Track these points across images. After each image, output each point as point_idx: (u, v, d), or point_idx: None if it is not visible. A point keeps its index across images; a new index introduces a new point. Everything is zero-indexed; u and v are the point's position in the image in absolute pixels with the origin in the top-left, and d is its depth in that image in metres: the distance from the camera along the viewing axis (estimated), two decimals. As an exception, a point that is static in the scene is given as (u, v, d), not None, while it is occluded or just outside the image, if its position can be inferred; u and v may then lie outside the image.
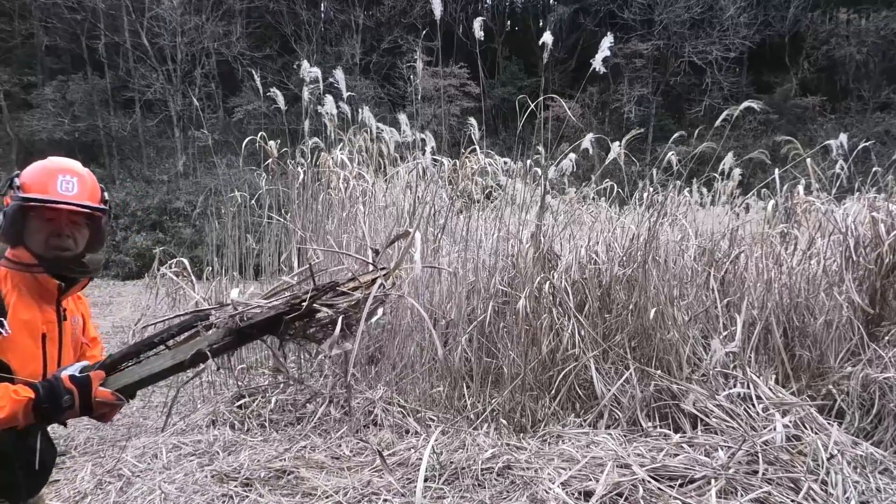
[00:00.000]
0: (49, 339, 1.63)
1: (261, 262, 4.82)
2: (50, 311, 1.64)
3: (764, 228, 4.28)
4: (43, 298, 1.62)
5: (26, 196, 1.54)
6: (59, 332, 1.67)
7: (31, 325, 1.59)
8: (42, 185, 1.56)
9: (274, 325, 1.44)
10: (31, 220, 1.56)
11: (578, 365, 3.43)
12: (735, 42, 22.27)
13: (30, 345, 1.58)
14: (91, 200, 1.63)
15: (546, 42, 3.52)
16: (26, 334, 1.57)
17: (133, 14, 21.43)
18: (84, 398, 1.48)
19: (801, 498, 2.37)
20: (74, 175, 1.62)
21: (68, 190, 1.58)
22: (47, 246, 1.57)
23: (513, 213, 4.36)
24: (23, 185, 1.57)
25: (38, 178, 1.58)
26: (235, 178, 6.63)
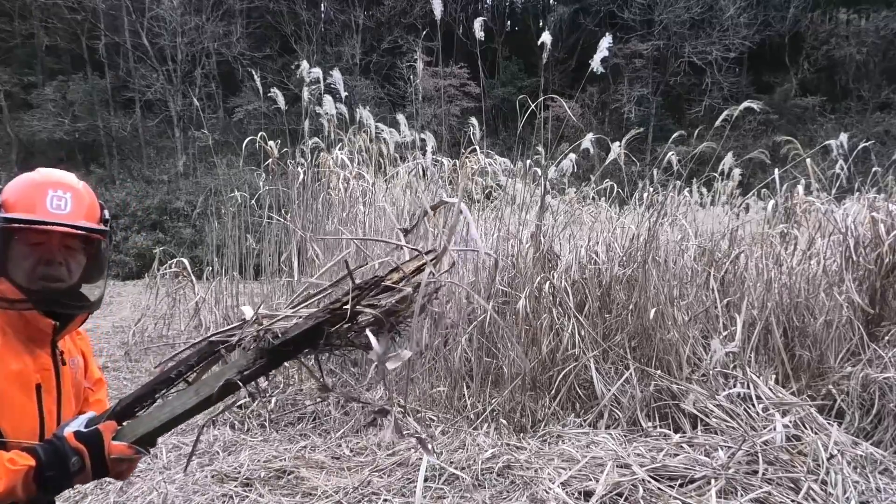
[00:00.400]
0: (45, 390, 1.37)
1: (261, 262, 4.83)
2: (44, 357, 1.38)
3: (764, 228, 4.28)
4: (35, 341, 1.36)
5: (8, 216, 1.27)
6: (57, 381, 1.40)
7: (23, 376, 1.32)
8: (28, 203, 1.29)
9: (313, 337, 1.23)
10: (14, 246, 1.30)
11: (578, 365, 3.43)
12: (735, 42, 22.27)
13: (21, 400, 1.32)
14: (88, 220, 1.35)
15: (545, 42, 3.53)
16: (16, 388, 1.30)
17: (133, 14, 21.44)
18: (96, 458, 1.23)
19: (801, 498, 2.37)
20: (68, 189, 1.35)
21: (60, 208, 1.31)
22: (34, 276, 1.30)
23: (513, 213, 4.36)
24: (4, 202, 1.30)
25: (24, 194, 1.31)
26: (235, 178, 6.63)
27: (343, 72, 4.29)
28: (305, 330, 1.21)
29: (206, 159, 18.58)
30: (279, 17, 23.61)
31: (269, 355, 1.24)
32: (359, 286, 1.25)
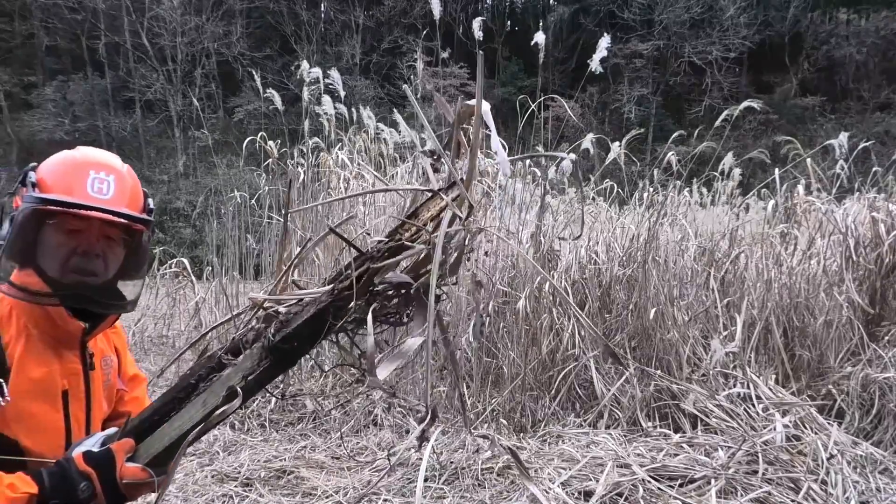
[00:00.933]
0: (73, 396, 1.21)
1: (261, 262, 4.83)
2: (72, 359, 1.22)
3: (764, 228, 4.28)
4: (62, 343, 1.20)
5: (44, 197, 1.11)
6: (87, 386, 1.25)
7: (46, 382, 1.17)
8: (66, 184, 1.14)
9: (321, 323, 1.00)
10: (47, 231, 1.14)
11: (578, 365, 3.43)
12: (735, 42, 22.28)
13: (45, 410, 1.17)
14: (131, 207, 1.19)
15: (539, 42, 3.53)
16: (38, 396, 1.16)
17: (133, 14, 21.45)
18: (107, 482, 1.07)
19: (801, 498, 2.37)
20: (111, 171, 1.19)
21: (102, 192, 1.15)
22: (66, 268, 1.15)
23: (513, 212, 4.36)
24: (40, 181, 1.14)
25: (62, 174, 1.15)
26: (235, 178, 6.63)
27: (343, 72, 4.30)
28: (308, 319, 1.00)
29: (206, 159, 18.59)
30: (279, 17, 23.61)
31: (273, 354, 1.04)
32: (363, 253, 1.00)
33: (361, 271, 0.98)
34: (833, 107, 22.25)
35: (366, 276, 0.97)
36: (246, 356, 1.07)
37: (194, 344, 1.29)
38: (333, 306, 0.99)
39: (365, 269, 0.98)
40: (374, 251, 0.99)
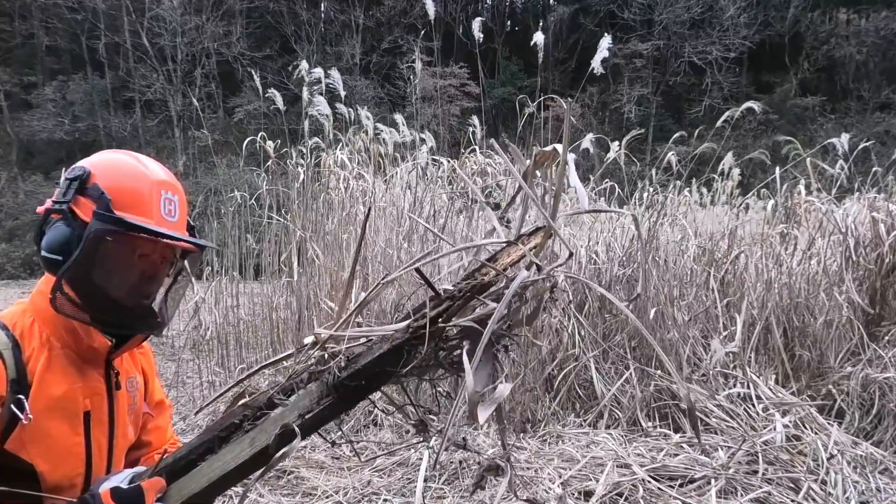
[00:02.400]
0: (95, 419, 1.12)
1: (261, 262, 4.83)
2: (96, 378, 1.14)
3: (763, 228, 4.28)
4: (86, 359, 1.12)
5: (129, 221, 1.03)
6: (110, 408, 1.16)
7: (68, 401, 1.08)
8: (144, 205, 1.07)
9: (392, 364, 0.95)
10: (117, 254, 1.07)
11: (578, 365, 3.43)
12: (735, 42, 22.28)
13: (64, 432, 1.07)
14: (183, 228, 1.15)
15: (538, 42, 3.53)
16: (59, 418, 1.06)
17: (133, 14, 21.46)
18: None
19: (801, 498, 2.37)
20: (176, 191, 1.14)
21: (171, 214, 1.10)
22: (134, 291, 1.10)
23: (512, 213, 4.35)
24: (112, 196, 1.04)
25: (134, 192, 1.07)
26: (235, 178, 6.64)
27: (343, 72, 4.29)
28: (380, 356, 0.94)
29: (206, 159, 18.61)
30: (279, 17, 23.62)
31: (338, 392, 0.96)
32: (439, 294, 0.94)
33: (439, 311, 0.93)
34: (833, 107, 22.26)
35: (442, 316, 0.93)
36: (302, 394, 1.00)
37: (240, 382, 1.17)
38: (408, 344, 0.94)
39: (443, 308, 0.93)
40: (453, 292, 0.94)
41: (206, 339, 4.58)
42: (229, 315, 4.46)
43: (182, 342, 4.56)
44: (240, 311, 4.55)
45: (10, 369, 1.02)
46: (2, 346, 1.04)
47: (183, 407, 4.14)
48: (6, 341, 1.05)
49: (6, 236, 17.69)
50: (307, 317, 4.08)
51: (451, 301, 0.93)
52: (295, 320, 4.17)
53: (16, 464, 1.02)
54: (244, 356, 4.43)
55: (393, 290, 3.95)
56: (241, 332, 4.50)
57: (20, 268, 16.24)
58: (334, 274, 4.17)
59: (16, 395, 1.01)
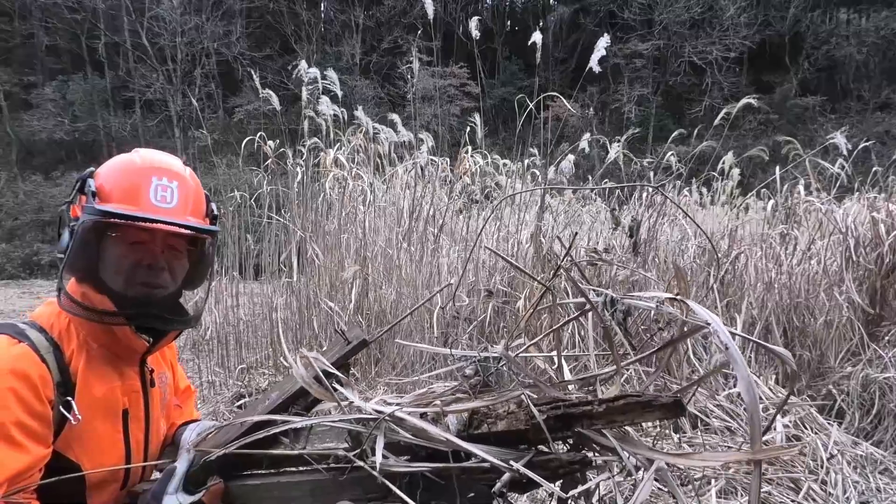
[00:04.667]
0: (132, 416, 1.16)
1: (260, 262, 4.83)
2: (132, 377, 1.17)
3: (763, 228, 4.27)
4: (122, 359, 1.15)
5: (106, 209, 1.04)
6: (146, 405, 1.20)
7: (108, 401, 1.11)
8: (129, 192, 1.07)
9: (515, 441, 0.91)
10: (110, 244, 1.09)
11: (578, 365, 3.42)
12: (735, 42, 22.29)
13: (107, 430, 1.11)
14: (195, 215, 1.14)
15: (536, 42, 3.53)
16: (100, 416, 1.09)
17: (133, 14, 21.46)
18: None
19: (801, 498, 2.37)
20: (174, 177, 1.12)
21: (165, 200, 1.09)
22: (132, 281, 1.10)
23: (512, 213, 4.36)
24: (99, 189, 1.07)
25: (123, 182, 1.09)
26: (235, 178, 6.64)
27: (343, 72, 4.29)
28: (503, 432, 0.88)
29: (206, 159, 18.60)
30: (279, 17, 23.62)
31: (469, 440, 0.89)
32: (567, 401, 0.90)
33: (559, 414, 0.89)
34: (833, 107, 22.26)
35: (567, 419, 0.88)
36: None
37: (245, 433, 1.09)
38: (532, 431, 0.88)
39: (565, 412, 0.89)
40: (589, 401, 0.89)
41: (206, 339, 4.57)
42: (229, 315, 4.46)
43: (182, 342, 4.56)
44: (240, 311, 4.55)
45: (55, 372, 1.04)
46: (43, 349, 1.04)
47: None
48: (46, 345, 1.05)
49: (6, 236, 17.68)
50: (307, 317, 4.08)
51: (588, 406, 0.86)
52: (295, 320, 4.17)
53: (61, 463, 1.03)
54: (244, 356, 4.43)
55: (392, 290, 3.95)
56: (241, 332, 4.50)
57: (20, 268, 16.23)
58: (334, 274, 4.17)
59: (64, 398, 1.03)
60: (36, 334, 1.06)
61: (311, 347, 4.02)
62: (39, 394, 1.00)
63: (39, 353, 1.03)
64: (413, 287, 3.82)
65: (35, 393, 1.00)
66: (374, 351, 3.94)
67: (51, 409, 1.02)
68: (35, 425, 0.99)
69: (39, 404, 1.00)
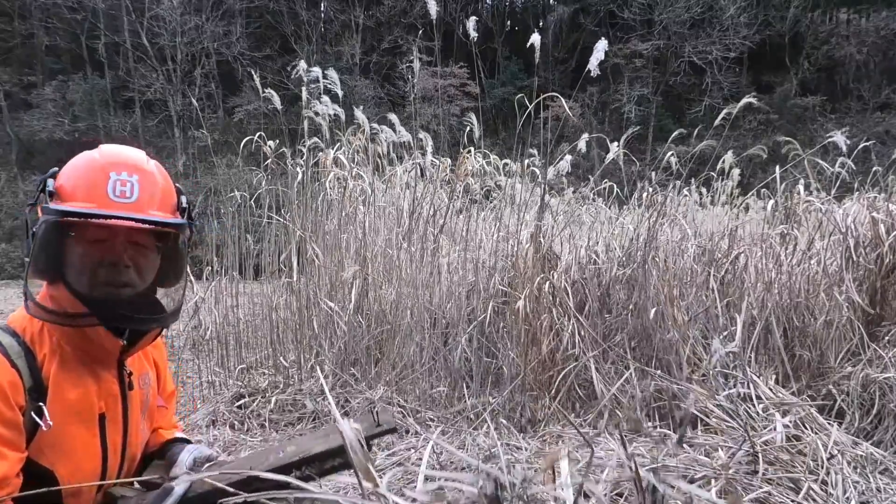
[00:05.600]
0: (109, 420, 1.12)
1: (261, 262, 4.82)
2: (110, 379, 1.13)
3: (763, 228, 4.27)
4: (98, 361, 1.11)
5: (59, 209, 1.01)
6: (124, 408, 1.16)
7: (83, 404, 1.08)
8: (86, 190, 1.04)
9: None
10: (70, 244, 1.05)
11: (578, 365, 3.42)
12: (735, 42, 22.29)
13: (81, 435, 1.07)
14: (161, 210, 1.10)
15: (535, 43, 3.53)
16: (75, 422, 1.06)
17: (133, 14, 21.45)
18: None
19: (801, 498, 2.37)
20: (134, 171, 1.07)
21: (125, 195, 1.05)
22: (95, 281, 1.06)
23: (512, 213, 4.36)
24: (58, 189, 1.04)
25: (81, 180, 1.05)
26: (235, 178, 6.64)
27: (343, 72, 4.29)
28: None
29: (206, 159, 18.60)
30: (279, 17, 23.63)
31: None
32: None
33: None
34: (833, 107, 22.27)
35: None
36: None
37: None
38: None
39: None
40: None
41: (205, 339, 4.57)
42: (229, 315, 4.46)
43: (182, 342, 4.55)
44: (240, 311, 4.55)
45: (26, 377, 1.02)
46: (14, 354, 1.02)
47: (183, 407, 4.13)
48: (18, 349, 1.04)
49: (6, 236, 17.69)
50: (307, 317, 4.08)
51: None
52: (295, 320, 4.17)
53: (34, 469, 1.02)
54: (244, 356, 4.43)
55: (392, 290, 3.95)
56: (241, 332, 4.50)
57: (20, 268, 16.24)
58: (334, 274, 4.16)
59: (35, 403, 1.01)
60: (8, 339, 1.04)
61: (311, 347, 4.02)
62: (9, 401, 0.98)
63: (10, 359, 1.01)
64: (413, 287, 3.82)
65: (4, 399, 0.98)
66: (375, 351, 3.94)
67: (21, 416, 0.99)
68: (6, 432, 0.97)
69: (9, 411, 0.98)
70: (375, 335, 3.89)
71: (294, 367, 3.97)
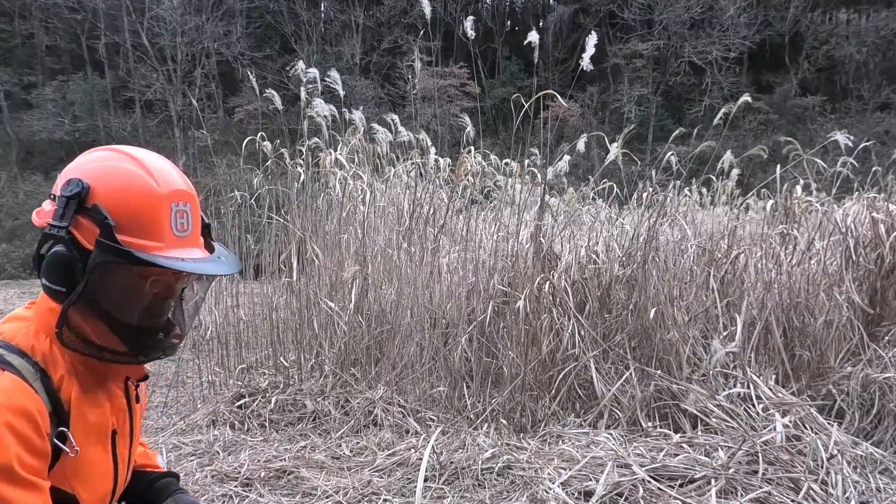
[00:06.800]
0: (120, 434, 1.10)
1: (261, 262, 4.83)
2: (119, 396, 1.11)
3: (763, 228, 4.27)
4: (109, 377, 1.08)
5: (133, 254, 0.92)
6: (131, 422, 1.15)
7: (101, 425, 1.05)
8: (151, 225, 0.95)
9: None
10: (126, 283, 0.98)
11: (578, 365, 3.43)
12: (735, 42, 22.28)
13: (99, 456, 1.05)
14: (204, 237, 1.08)
15: (533, 42, 3.53)
16: (94, 442, 1.03)
17: (133, 14, 21.45)
18: None
19: (801, 498, 2.37)
20: (188, 199, 1.01)
21: (184, 228, 0.99)
22: (145, 315, 1.02)
23: (512, 213, 4.36)
24: (116, 221, 0.92)
25: (142, 213, 0.95)
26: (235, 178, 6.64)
27: (343, 72, 4.28)
28: None
29: (206, 159, 18.58)
30: (279, 17, 23.62)
31: None
32: None
33: None
34: (833, 107, 22.26)
35: None
36: None
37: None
38: None
39: None
40: None
41: (206, 339, 4.57)
42: (229, 315, 4.46)
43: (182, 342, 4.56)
44: (240, 311, 4.55)
45: (45, 402, 0.94)
46: (30, 376, 0.93)
47: (183, 407, 4.14)
48: (32, 371, 0.94)
49: (6, 236, 17.68)
50: (307, 317, 4.08)
51: None
52: (295, 320, 4.17)
53: (59, 496, 0.96)
54: (244, 356, 4.43)
55: (392, 290, 3.95)
56: (241, 332, 4.50)
57: (20, 268, 16.23)
58: (334, 274, 4.17)
59: (57, 428, 0.95)
60: (18, 360, 0.94)
61: (311, 347, 4.03)
62: (39, 429, 0.91)
63: (28, 382, 0.92)
64: (413, 287, 3.82)
65: (35, 428, 0.90)
66: (375, 351, 3.94)
67: (49, 444, 0.93)
68: (35, 463, 0.90)
69: (40, 440, 0.91)
70: (375, 335, 3.89)
71: (294, 367, 3.97)
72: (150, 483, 1.28)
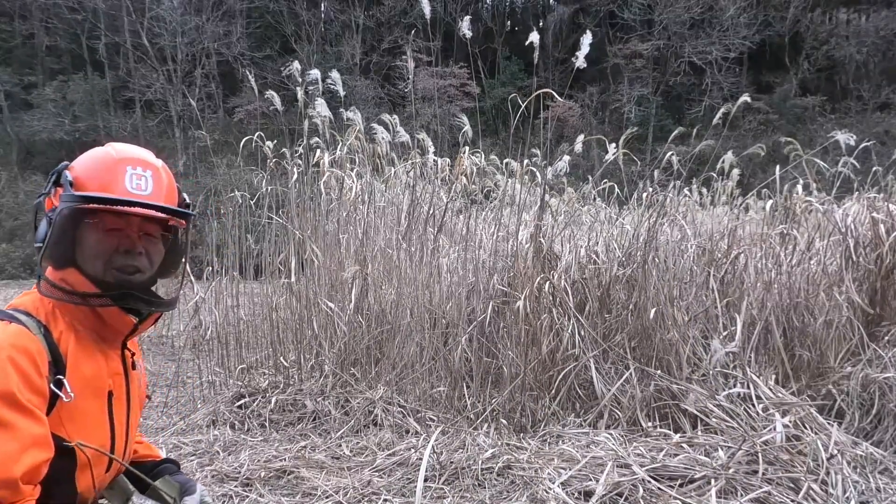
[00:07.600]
0: (116, 398, 1.19)
1: (261, 262, 4.82)
2: (115, 359, 1.21)
3: (763, 228, 4.27)
4: (106, 341, 1.18)
5: (83, 195, 1.08)
6: (127, 387, 1.23)
7: (96, 381, 1.15)
8: (104, 181, 1.11)
9: None
10: (86, 230, 1.12)
11: (578, 365, 3.43)
12: (735, 42, 22.29)
13: (94, 410, 1.15)
14: (168, 202, 1.19)
15: (534, 42, 3.53)
16: (90, 395, 1.13)
17: (133, 14, 21.46)
18: None
19: (801, 498, 2.37)
20: (147, 167, 1.18)
21: (140, 188, 1.14)
22: (109, 266, 1.13)
23: (512, 213, 4.36)
24: (75, 180, 1.11)
25: (99, 171, 1.13)
26: (235, 178, 6.63)
27: (343, 72, 4.27)
28: None
29: (206, 159, 18.59)
30: (279, 17, 23.63)
31: None
32: None
33: None
34: (833, 107, 22.26)
35: None
36: None
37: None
38: None
39: None
40: None
41: (206, 339, 4.57)
42: (229, 315, 4.46)
43: (182, 342, 4.56)
44: (240, 311, 4.55)
45: (46, 351, 1.07)
46: (34, 329, 1.07)
47: (183, 407, 4.14)
48: (35, 326, 1.09)
49: (6, 236, 17.69)
50: (307, 317, 4.08)
51: None
52: (295, 320, 4.17)
53: (53, 440, 1.05)
54: (244, 356, 4.43)
55: (392, 290, 3.95)
56: (241, 332, 4.50)
57: (20, 268, 16.23)
58: (334, 274, 4.17)
59: (55, 376, 1.07)
60: (24, 317, 1.09)
61: (311, 347, 4.03)
62: (38, 369, 1.03)
63: (32, 332, 1.07)
64: (413, 287, 3.82)
65: (35, 367, 1.02)
66: (375, 351, 3.94)
67: (47, 386, 1.04)
68: (34, 398, 1.01)
69: (39, 378, 1.03)
70: (375, 335, 3.89)
71: (294, 367, 3.97)
72: (150, 469, 1.38)
